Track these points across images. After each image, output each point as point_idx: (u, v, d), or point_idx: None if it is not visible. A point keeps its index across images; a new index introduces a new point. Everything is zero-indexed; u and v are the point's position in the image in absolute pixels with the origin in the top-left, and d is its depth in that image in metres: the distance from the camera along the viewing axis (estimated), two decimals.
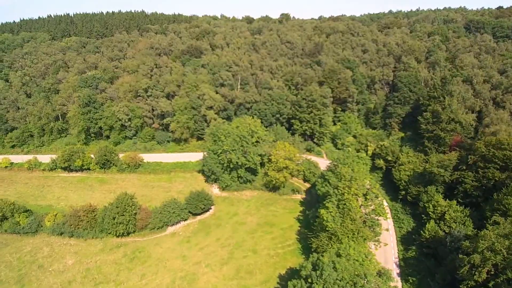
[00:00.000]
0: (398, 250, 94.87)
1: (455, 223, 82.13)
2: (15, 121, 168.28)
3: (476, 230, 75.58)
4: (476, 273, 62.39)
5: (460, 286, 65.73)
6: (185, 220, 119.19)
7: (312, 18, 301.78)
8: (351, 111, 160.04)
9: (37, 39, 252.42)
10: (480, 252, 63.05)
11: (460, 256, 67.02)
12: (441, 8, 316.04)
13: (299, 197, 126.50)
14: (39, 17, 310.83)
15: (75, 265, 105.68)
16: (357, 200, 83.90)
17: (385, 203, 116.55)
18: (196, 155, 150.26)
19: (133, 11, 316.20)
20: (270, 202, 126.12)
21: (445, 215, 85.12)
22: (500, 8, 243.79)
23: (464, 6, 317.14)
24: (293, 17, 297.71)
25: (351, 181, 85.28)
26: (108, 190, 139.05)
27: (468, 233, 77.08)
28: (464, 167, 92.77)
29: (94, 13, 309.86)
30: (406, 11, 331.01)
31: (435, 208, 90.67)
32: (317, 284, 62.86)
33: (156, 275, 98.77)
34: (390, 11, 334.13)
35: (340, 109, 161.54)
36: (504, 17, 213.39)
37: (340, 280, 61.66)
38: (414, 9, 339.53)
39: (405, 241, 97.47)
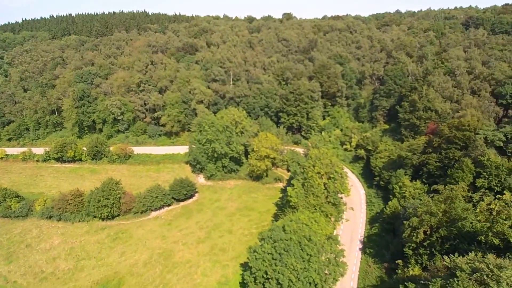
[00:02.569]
0: (365, 229, 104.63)
1: (413, 199, 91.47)
2: (11, 114, 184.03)
3: None
4: (415, 234, 71.96)
5: (404, 249, 75.36)
6: (169, 205, 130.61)
7: (315, 18, 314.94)
8: (340, 105, 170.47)
9: (38, 38, 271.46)
10: (419, 216, 72.66)
11: (404, 222, 76.69)
12: (452, 7, 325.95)
13: (281, 185, 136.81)
14: (41, 18, 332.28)
15: (61, 244, 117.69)
16: (321, 178, 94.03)
17: (360, 190, 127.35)
18: (186, 148, 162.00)
19: (134, 11, 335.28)
20: (253, 190, 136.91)
21: (405, 192, 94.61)
22: (506, 5, 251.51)
23: (476, 6, 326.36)
24: (295, 16, 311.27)
25: (316, 161, 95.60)
26: (98, 180, 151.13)
27: None
28: (430, 150, 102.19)
29: (96, 13, 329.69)
30: (415, 11, 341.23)
31: (401, 188, 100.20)
32: (267, 243, 73.35)
33: (135, 252, 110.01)
34: (397, 11, 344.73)
35: (329, 104, 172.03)
36: (507, 14, 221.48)
37: (287, 240, 71.91)
38: (424, 9, 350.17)
39: (373, 221, 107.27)
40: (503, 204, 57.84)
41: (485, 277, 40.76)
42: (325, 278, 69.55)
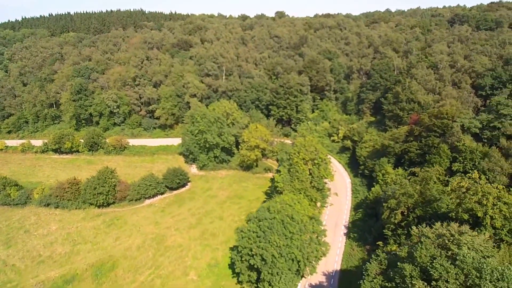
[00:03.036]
0: (349, 215, 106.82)
1: (394, 184, 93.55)
2: (11, 107, 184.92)
3: None
4: (393, 215, 74.07)
5: (384, 231, 77.50)
6: (162, 193, 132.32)
7: (307, 16, 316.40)
8: (329, 99, 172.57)
9: (37, 35, 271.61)
10: (397, 198, 74.75)
11: (384, 204, 78.79)
12: (441, 6, 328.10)
13: (271, 175, 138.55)
14: (40, 16, 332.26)
15: (58, 230, 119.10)
16: (305, 164, 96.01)
17: (346, 179, 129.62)
18: (179, 140, 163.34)
19: (132, 10, 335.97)
20: (243, 180, 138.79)
21: (387, 179, 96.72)
22: (491, 3, 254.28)
23: (464, 5, 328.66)
24: (288, 15, 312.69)
25: (301, 148, 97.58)
26: (94, 170, 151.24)
27: None
28: (411, 139, 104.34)
29: (94, 12, 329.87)
30: (404, 10, 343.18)
31: (384, 175, 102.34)
32: (253, 223, 75.29)
33: (129, 237, 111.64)
34: (387, 10, 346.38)
35: (318, 97, 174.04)
36: (492, 11, 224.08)
37: (271, 219, 73.81)
38: (414, 8, 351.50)
39: (357, 207, 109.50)
40: (472, 182, 60.01)
41: (447, 242, 42.73)
42: (307, 256, 71.53)
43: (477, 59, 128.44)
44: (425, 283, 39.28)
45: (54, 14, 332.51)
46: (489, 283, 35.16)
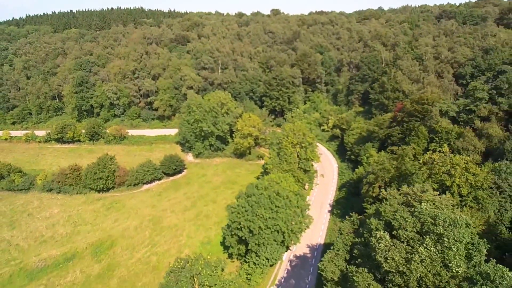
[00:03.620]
0: (335, 195, 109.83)
1: (376, 164, 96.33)
2: (16, 99, 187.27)
3: None
4: (371, 189, 76.90)
5: (363, 204, 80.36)
6: (159, 179, 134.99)
7: (301, 14, 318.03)
8: (320, 91, 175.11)
9: (40, 31, 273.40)
10: (375, 173, 77.58)
11: (363, 180, 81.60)
12: (431, 4, 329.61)
13: (263, 162, 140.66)
14: (43, 14, 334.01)
15: (60, 213, 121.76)
16: (293, 147, 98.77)
17: (334, 164, 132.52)
18: (177, 130, 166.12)
19: (132, 7, 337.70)
20: (237, 166, 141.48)
21: (371, 160, 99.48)
22: (479, 0, 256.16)
23: (455, 3, 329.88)
24: (283, 12, 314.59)
25: (289, 132, 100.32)
26: (95, 158, 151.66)
27: None
28: (395, 124, 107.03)
29: (95, 9, 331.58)
30: (396, 8, 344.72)
31: (368, 158, 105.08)
32: (242, 199, 78.06)
33: (127, 219, 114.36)
34: (380, 8, 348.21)
35: (310, 89, 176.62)
36: (479, 8, 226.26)
37: (258, 195, 76.56)
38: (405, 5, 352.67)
39: (342, 187, 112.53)
40: (442, 154, 62.78)
41: (410, 199, 45.55)
42: (291, 228, 74.35)
43: (459, 50, 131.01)
44: (387, 233, 42.17)
45: (56, 12, 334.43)
46: (441, 228, 37.98)
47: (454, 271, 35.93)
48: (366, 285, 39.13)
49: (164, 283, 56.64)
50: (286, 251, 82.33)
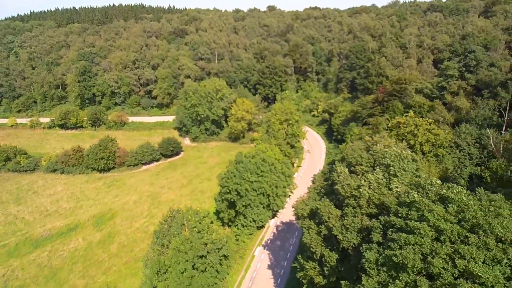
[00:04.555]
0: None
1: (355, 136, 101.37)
2: (21, 88, 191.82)
3: None
4: None
5: None
6: (157, 160, 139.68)
7: (296, 10, 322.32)
8: (311, 80, 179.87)
9: (44, 26, 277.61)
10: (353, 142, 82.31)
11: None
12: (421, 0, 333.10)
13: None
14: (47, 10, 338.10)
15: (63, 191, 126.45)
16: (281, 124, 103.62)
17: (322, 145, 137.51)
18: (175, 117, 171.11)
19: (132, 4, 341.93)
20: (231, 149, 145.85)
21: (353, 137, 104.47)
22: None
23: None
24: (279, 9, 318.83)
25: (277, 111, 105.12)
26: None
27: None
28: (376, 104, 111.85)
29: (97, 6, 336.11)
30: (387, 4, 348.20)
31: (352, 136, 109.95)
32: (231, 166, 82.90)
33: (127, 195, 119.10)
34: (373, 5, 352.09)
35: (302, 79, 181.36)
36: (465, 2, 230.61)
37: (247, 162, 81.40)
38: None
39: (328, 164, 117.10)
40: (408, 117, 67.70)
41: (369, 145, 50.54)
42: (276, 192, 79.26)
43: (439, 37, 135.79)
44: (345, 168, 47.30)
45: (60, 9, 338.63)
46: (388, 160, 42.90)
47: (394, 191, 40.67)
48: (328, 210, 43.94)
49: (158, 230, 61.48)
50: (273, 218, 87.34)
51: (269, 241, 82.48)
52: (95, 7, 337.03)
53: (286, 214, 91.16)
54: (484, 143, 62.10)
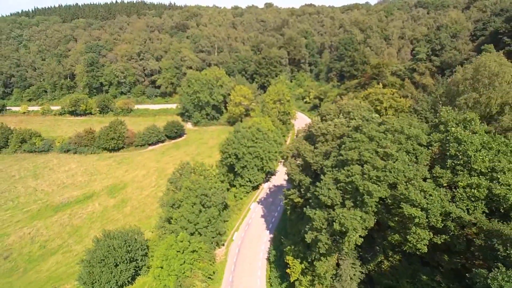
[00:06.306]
0: None
1: None
2: (32, 78, 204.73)
3: None
4: None
5: None
6: (162, 141, 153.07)
7: (293, 7, 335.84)
8: (304, 71, 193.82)
9: (50, 21, 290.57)
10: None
11: None
12: None
13: None
14: (51, 6, 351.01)
15: (77, 167, 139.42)
16: (274, 103, 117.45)
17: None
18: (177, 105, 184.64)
19: (134, 1, 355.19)
20: (230, 131, 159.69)
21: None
22: None
23: None
24: (276, 6, 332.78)
25: (271, 92, 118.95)
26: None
27: None
28: (359, 87, 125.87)
29: (100, 3, 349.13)
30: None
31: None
32: (230, 135, 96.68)
33: (136, 170, 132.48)
34: (367, 3, 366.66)
35: (296, 70, 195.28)
36: None
37: (244, 131, 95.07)
38: None
39: None
40: (376, 88, 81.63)
41: (341, 105, 64.38)
42: (268, 156, 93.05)
43: (418, 29, 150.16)
44: (319, 117, 61.51)
45: (63, 6, 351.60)
46: (349, 108, 56.85)
47: (351, 126, 54.19)
48: (304, 146, 57.57)
49: (171, 177, 75.09)
50: (267, 182, 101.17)
51: (262, 199, 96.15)
52: (97, 3, 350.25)
53: (278, 179, 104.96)
54: (437, 109, 75.78)
